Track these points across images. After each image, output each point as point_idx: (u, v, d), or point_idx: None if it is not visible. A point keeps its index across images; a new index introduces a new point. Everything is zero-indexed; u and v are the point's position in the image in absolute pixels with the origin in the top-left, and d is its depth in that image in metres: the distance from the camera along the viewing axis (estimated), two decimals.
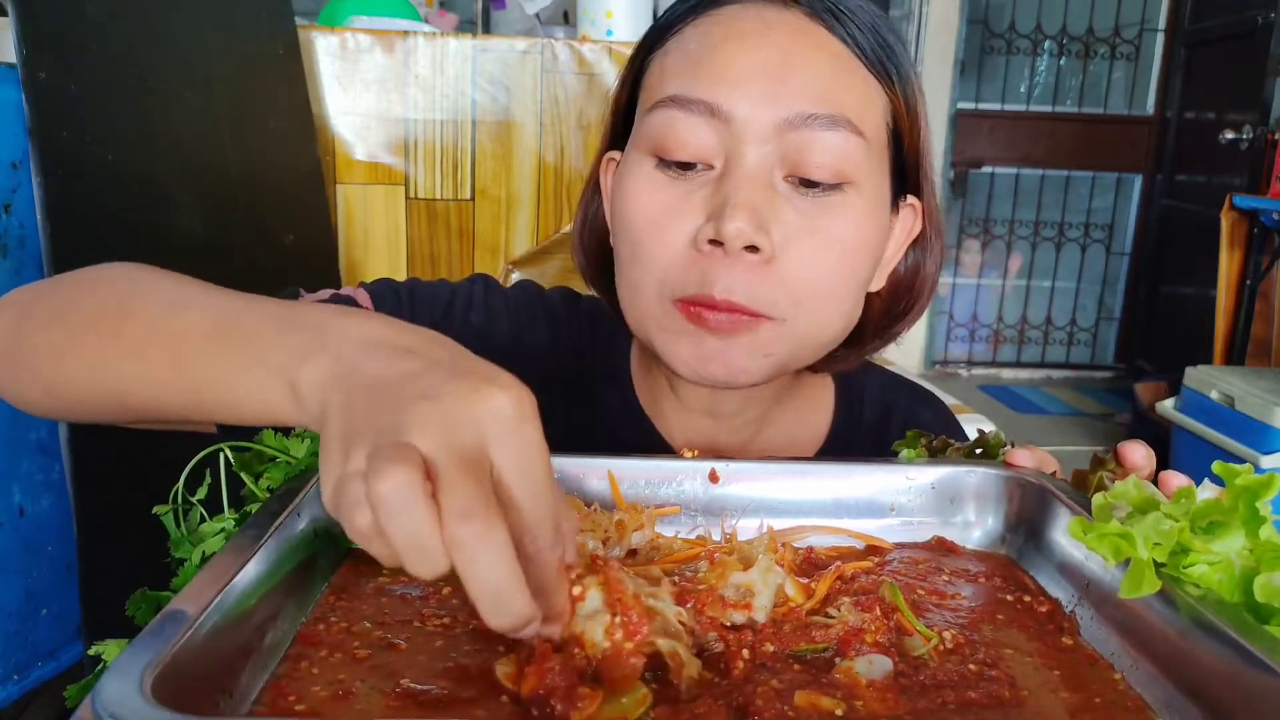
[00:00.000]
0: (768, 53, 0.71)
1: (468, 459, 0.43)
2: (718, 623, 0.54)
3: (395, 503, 0.41)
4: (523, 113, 2.27)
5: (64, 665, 1.79)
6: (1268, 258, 3.28)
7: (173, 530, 0.64)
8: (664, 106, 0.73)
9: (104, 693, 0.39)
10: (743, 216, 0.68)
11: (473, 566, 0.41)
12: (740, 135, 0.71)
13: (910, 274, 0.85)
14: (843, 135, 0.71)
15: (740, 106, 0.70)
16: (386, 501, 0.41)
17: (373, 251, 2.28)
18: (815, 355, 0.80)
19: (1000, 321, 5.10)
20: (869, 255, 0.76)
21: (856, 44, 0.73)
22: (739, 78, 0.71)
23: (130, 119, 1.57)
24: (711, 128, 0.71)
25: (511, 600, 0.42)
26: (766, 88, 0.70)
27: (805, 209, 0.72)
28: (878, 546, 0.67)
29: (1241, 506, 0.52)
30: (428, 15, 2.59)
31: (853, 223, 0.73)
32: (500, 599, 0.42)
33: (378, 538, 0.42)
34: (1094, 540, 0.54)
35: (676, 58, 0.75)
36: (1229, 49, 4.14)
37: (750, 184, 0.70)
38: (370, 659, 0.51)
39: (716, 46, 0.72)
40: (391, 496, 0.41)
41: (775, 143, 0.71)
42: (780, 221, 0.71)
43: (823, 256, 0.73)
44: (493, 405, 0.44)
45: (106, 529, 1.39)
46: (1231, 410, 2.71)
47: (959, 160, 4.74)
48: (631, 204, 0.75)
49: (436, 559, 0.42)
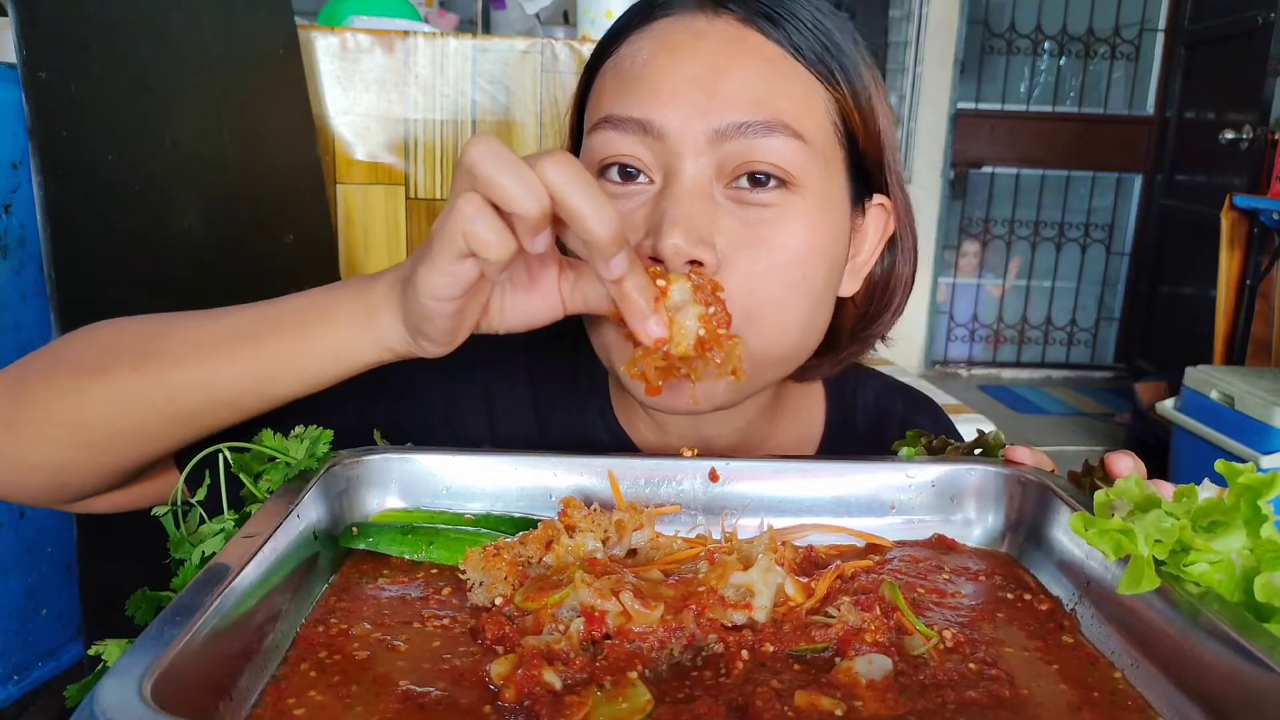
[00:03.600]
0: (697, 64, 0.70)
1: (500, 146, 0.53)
2: (718, 623, 0.54)
3: (487, 153, 0.52)
4: (523, 113, 2.27)
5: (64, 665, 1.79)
6: (1268, 258, 3.28)
7: (172, 531, 0.64)
8: (600, 128, 0.72)
9: (103, 697, 0.39)
10: (679, 232, 0.66)
11: (569, 182, 0.52)
12: (674, 150, 0.69)
13: (884, 275, 0.83)
14: (780, 140, 0.69)
15: (671, 121, 0.69)
16: (478, 158, 0.52)
17: (373, 251, 2.28)
18: (782, 369, 0.77)
19: (1000, 322, 5.10)
20: (822, 260, 0.73)
21: (793, 45, 0.71)
22: (668, 92, 0.69)
23: (130, 119, 1.57)
24: (646, 145, 0.70)
25: (607, 207, 0.53)
26: (696, 100, 0.69)
27: (747, 218, 0.70)
28: (878, 545, 0.67)
29: (1243, 505, 0.52)
30: (428, 15, 2.59)
31: (798, 228, 0.71)
32: (599, 205, 0.53)
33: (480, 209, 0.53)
34: (1095, 536, 0.54)
35: (612, 77, 0.74)
36: (1229, 49, 4.14)
37: (687, 197, 0.68)
38: (370, 660, 0.51)
39: (646, 63, 0.71)
40: (481, 151, 0.52)
41: (710, 154, 0.69)
42: (721, 232, 0.69)
43: (768, 265, 0.70)
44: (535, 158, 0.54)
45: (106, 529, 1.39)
46: (1231, 410, 2.70)
47: (959, 160, 4.74)
48: None
49: (537, 187, 0.52)
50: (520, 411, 0.88)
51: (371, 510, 0.68)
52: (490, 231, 0.53)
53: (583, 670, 0.49)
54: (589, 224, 0.53)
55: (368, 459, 0.68)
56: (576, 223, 0.53)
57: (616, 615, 0.52)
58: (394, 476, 0.69)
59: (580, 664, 0.49)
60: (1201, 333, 3.55)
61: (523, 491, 0.70)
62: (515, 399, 0.88)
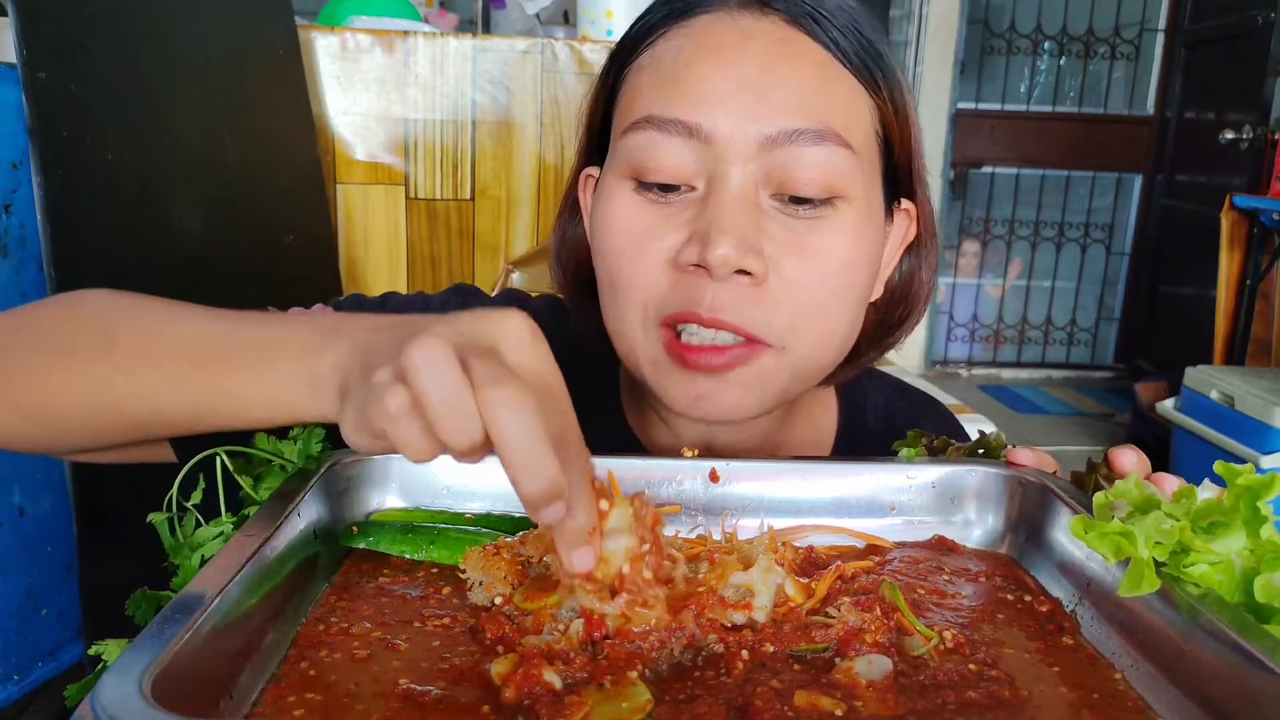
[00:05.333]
0: (747, 66, 0.67)
1: (488, 350, 0.45)
2: (718, 623, 0.54)
3: (427, 361, 0.43)
4: (523, 113, 2.27)
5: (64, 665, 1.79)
6: (1268, 258, 3.28)
7: (167, 539, 0.64)
8: (640, 128, 0.69)
9: (104, 694, 0.39)
10: (729, 241, 0.65)
11: (508, 427, 0.43)
12: (722, 155, 0.67)
13: (906, 280, 0.82)
14: (829, 149, 0.67)
15: (720, 125, 0.67)
16: (418, 365, 0.43)
17: (373, 251, 2.28)
18: (815, 380, 0.77)
19: (1000, 322, 5.09)
20: (866, 270, 0.72)
21: (839, 49, 0.69)
22: (717, 95, 0.67)
23: (130, 119, 1.57)
24: (691, 148, 0.68)
25: (544, 462, 0.43)
26: (747, 104, 0.67)
27: (794, 226, 0.68)
28: (878, 546, 0.67)
29: (1243, 506, 0.52)
30: (428, 15, 2.59)
31: (846, 238, 0.70)
32: (534, 460, 0.43)
33: (408, 415, 0.44)
34: (1095, 539, 0.54)
35: (650, 75, 0.71)
36: (1229, 49, 4.14)
37: (735, 205, 0.67)
38: (370, 659, 0.51)
39: (691, 63, 0.69)
40: (422, 358, 0.43)
41: (759, 160, 0.67)
42: (769, 238, 0.68)
43: (815, 275, 0.69)
44: (504, 323, 0.47)
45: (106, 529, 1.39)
46: (1231, 410, 2.70)
47: (959, 160, 4.74)
48: (611, 228, 0.72)
49: (472, 422, 0.43)
50: None
51: (372, 509, 0.68)
52: (415, 439, 0.45)
53: (582, 670, 0.49)
54: (521, 485, 0.44)
55: (368, 458, 0.68)
56: (508, 472, 0.44)
57: (616, 615, 0.52)
58: (394, 476, 0.69)
59: (580, 664, 0.49)
60: (1201, 333, 3.55)
61: None
62: None
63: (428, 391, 0.43)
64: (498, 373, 0.44)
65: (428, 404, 0.43)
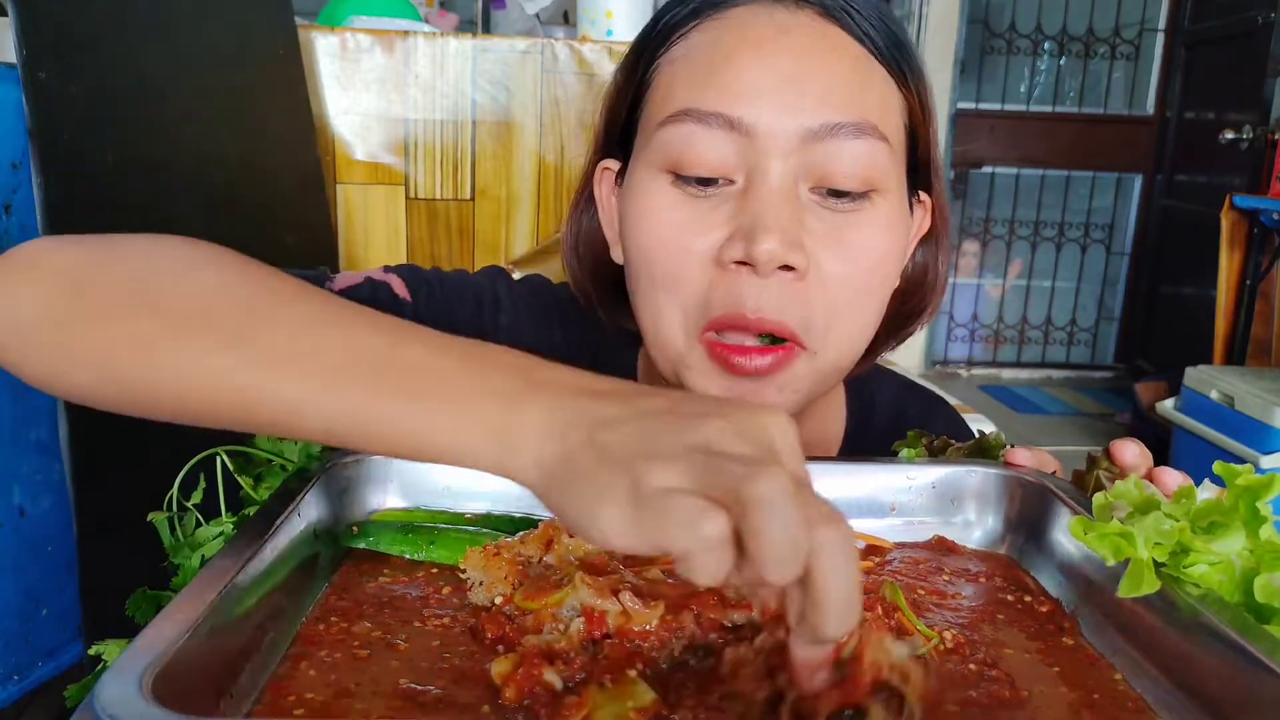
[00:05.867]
0: (785, 59, 0.67)
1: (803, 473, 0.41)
2: (718, 623, 0.54)
3: (779, 499, 0.38)
4: (523, 113, 2.27)
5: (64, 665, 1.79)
6: (1268, 258, 3.28)
7: (166, 538, 0.64)
8: (678, 121, 0.69)
9: (104, 693, 0.39)
10: (774, 237, 0.65)
11: (836, 572, 0.39)
12: (763, 149, 0.67)
13: (920, 271, 0.82)
14: (869, 143, 0.68)
15: (762, 118, 0.67)
16: (769, 500, 0.38)
17: (373, 251, 2.28)
18: (837, 379, 0.77)
19: (1000, 322, 5.09)
20: (896, 263, 0.73)
21: (873, 43, 0.70)
22: (758, 88, 0.67)
23: (130, 119, 1.57)
24: (731, 141, 0.67)
25: (855, 608, 0.40)
26: (787, 98, 0.67)
27: (832, 220, 0.69)
28: (878, 546, 0.67)
29: (1242, 507, 0.52)
30: (428, 15, 2.59)
31: (881, 232, 0.70)
32: (850, 606, 0.39)
33: (724, 546, 0.39)
34: (1094, 540, 0.54)
35: (685, 67, 0.71)
36: (1229, 49, 4.14)
37: (777, 199, 0.67)
38: (370, 659, 0.51)
39: (730, 55, 0.68)
40: (775, 493, 0.38)
41: (799, 154, 0.67)
42: (808, 232, 0.68)
43: (851, 269, 0.69)
44: (777, 426, 0.42)
45: (106, 529, 1.39)
46: (1231, 410, 2.70)
47: (959, 160, 4.74)
48: (648, 223, 0.71)
49: (799, 561, 0.39)
50: None
51: (372, 509, 0.68)
52: (720, 569, 0.39)
53: (583, 670, 0.49)
54: (827, 629, 0.40)
55: (368, 458, 0.68)
56: (815, 612, 0.40)
57: (616, 615, 0.52)
58: (394, 475, 0.69)
59: (580, 663, 0.49)
60: (1201, 333, 3.55)
61: (523, 491, 0.68)
62: None
63: (770, 531, 0.38)
64: (827, 507, 0.40)
65: (766, 543, 0.38)
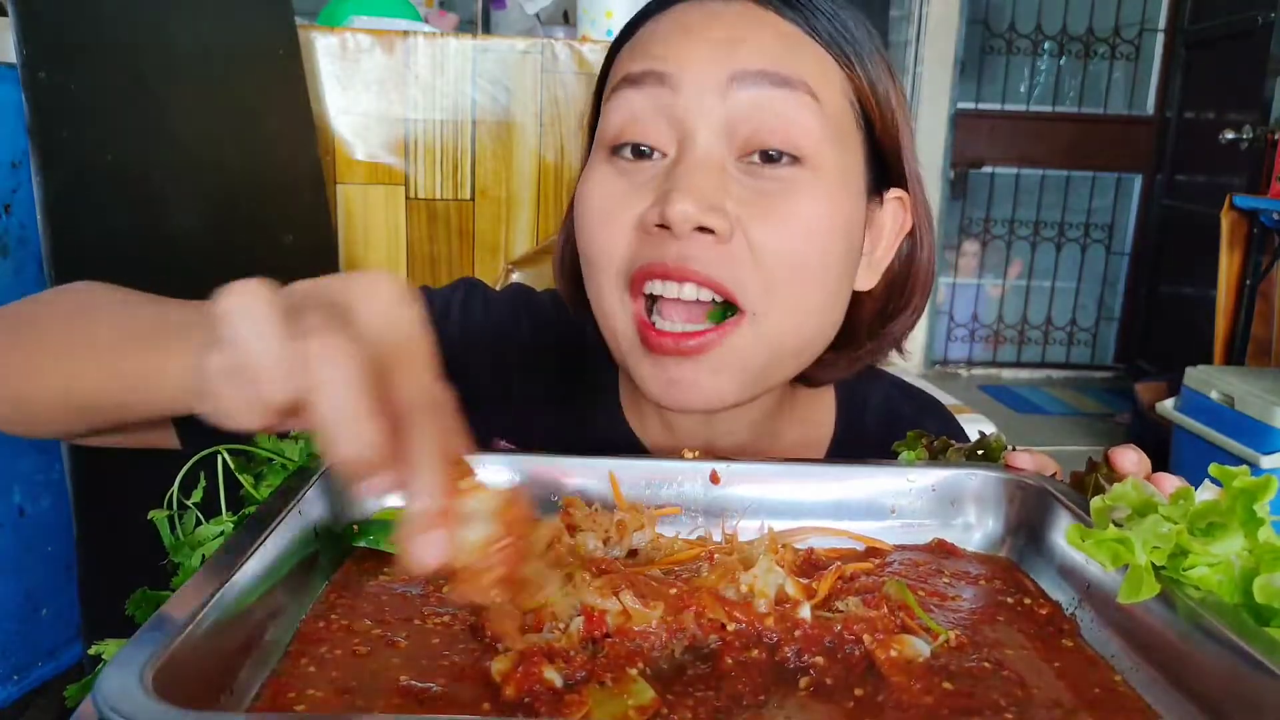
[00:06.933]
0: (715, 31, 0.70)
1: (330, 304, 0.42)
2: (718, 623, 0.54)
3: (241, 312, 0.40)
4: (523, 113, 2.27)
5: (64, 665, 1.80)
6: (1268, 258, 3.28)
7: (167, 537, 0.64)
8: (617, 89, 0.72)
9: (105, 686, 0.39)
10: (689, 199, 0.66)
11: (321, 379, 0.39)
12: (689, 106, 0.69)
13: (903, 271, 0.82)
14: (796, 95, 0.69)
15: (687, 70, 0.69)
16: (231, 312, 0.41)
17: (373, 251, 2.28)
18: (796, 363, 0.76)
19: (1000, 322, 5.10)
20: (839, 240, 0.72)
21: (810, 26, 0.72)
22: (686, 48, 0.70)
23: (130, 119, 1.57)
24: (660, 108, 0.70)
25: (356, 422, 0.39)
26: (714, 53, 0.69)
27: (762, 189, 0.69)
28: (878, 548, 0.67)
29: (1239, 509, 0.52)
30: (428, 15, 2.59)
31: (816, 204, 0.70)
32: (345, 417, 0.39)
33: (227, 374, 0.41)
34: (1092, 546, 0.54)
35: (626, 55, 0.75)
36: (1229, 49, 4.14)
37: (700, 167, 0.68)
38: (370, 656, 0.51)
39: (665, 36, 0.72)
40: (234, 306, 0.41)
41: (725, 107, 0.69)
42: (734, 199, 0.69)
43: (784, 238, 0.69)
44: (362, 280, 0.45)
45: (106, 529, 1.39)
46: (1231, 410, 2.70)
47: (959, 160, 4.74)
48: (585, 200, 0.74)
49: (287, 373, 0.40)
50: (532, 409, 0.87)
51: (373, 508, 0.68)
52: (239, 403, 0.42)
53: (583, 668, 0.49)
54: (330, 447, 0.41)
55: None
56: (319, 434, 0.41)
57: (616, 614, 0.52)
58: None
59: (580, 662, 0.49)
60: (1201, 333, 3.55)
61: None
62: (527, 397, 0.88)
63: (237, 340, 0.40)
64: (323, 326, 0.40)
65: (240, 354, 0.40)
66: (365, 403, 0.40)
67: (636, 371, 0.73)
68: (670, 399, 0.72)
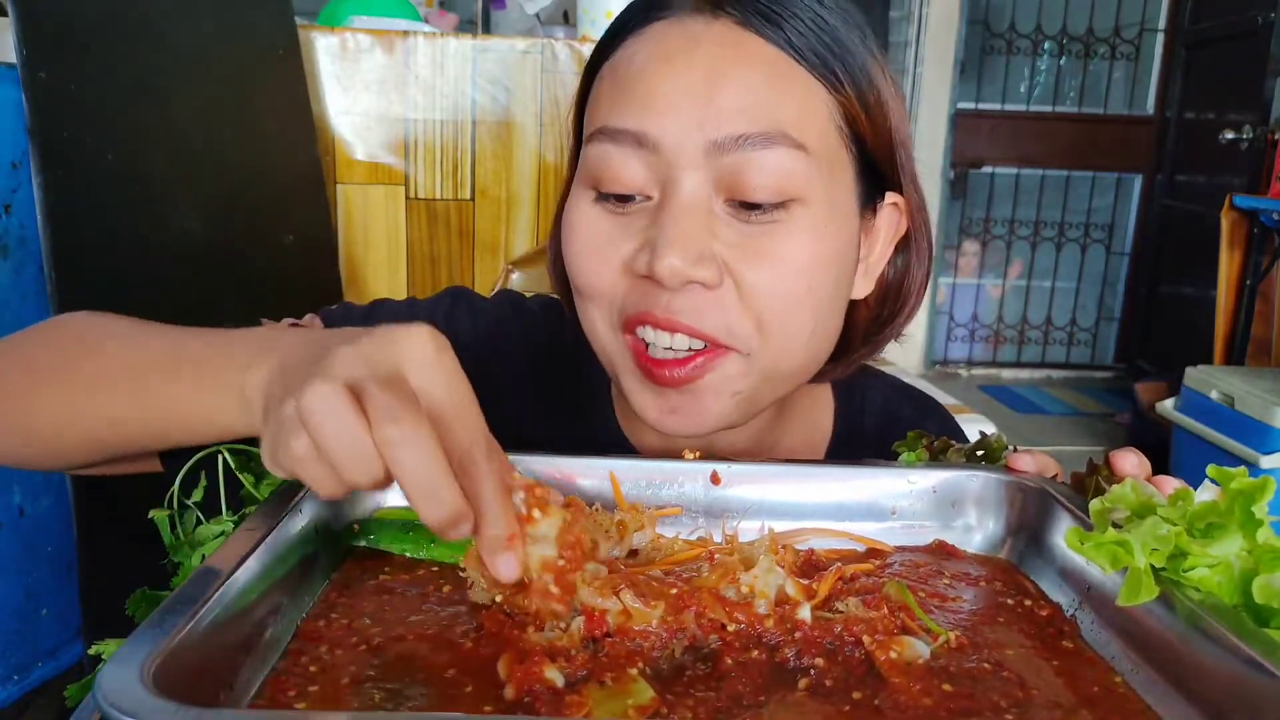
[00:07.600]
0: (694, 73, 0.67)
1: (389, 378, 0.46)
2: (718, 623, 0.54)
3: (323, 409, 0.44)
4: (523, 113, 2.27)
5: (64, 665, 1.80)
6: (1268, 258, 3.28)
7: (167, 537, 0.64)
8: (596, 139, 0.71)
9: (106, 682, 0.39)
10: (677, 252, 0.65)
11: (404, 461, 0.44)
12: (671, 162, 0.68)
13: (898, 276, 0.81)
14: (780, 152, 0.67)
15: (667, 134, 0.67)
16: (314, 410, 0.44)
17: (373, 251, 2.28)
18: (792, 383, 0.76)
19: (1000, 322, 5.10)
20: (828, 271, 0.71)
21: (794, 47, 0.69)
22: (664, 104, 0.67)
23: (130, 119, 1.57)
24: (641, 159, 0.68)
25: (441, 490, 0.45)
26: (692, 112, 0.67)
27: (749, 232, 0.68)
28: (878, 549, 0.67)
29: (1238, 510, 0.52)
30: (428, 15, 2.59)
31: (803, 241, 0.69)
32: (431, 489, 0.45)
33: (313, 459, 0.45)
34: (1091, 550, 0.54)
35: (608, 85, 0.72)
36: (1229, 49, 4.14)
37: (686, 213, 0.67)
38: (370, 655, 0.51)
39: (642, 70, 0.69)
40: (318, 404, 0.44)
41: (708, 167, 0.67)
42: (723, 245, 0.68)
43: (773, 280, 0.69)
44: (407, 341, 0.48)
45: (106, 529, 1.39)
46: (1231, 410, 2.71)
47: (959, 160, 4.74)
48: (572, 236, 0.73)
49: (371, 460, 0.45)
50: (525, 414, 0.87)
51: (372, 507, 0.68)
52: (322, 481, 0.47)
53: (583, 668, 0.49)
54: (423, 515, 0.46)
55: None
56: (411, 504, 0.46)
57: (617, 614, 0.52)
58: None
59: (581, 661, 0.49)
60: (1201, 333, 3.55)
61: None
62: (520, 402, 0.88)
63: (324, 438, 0.44)
64: (394, 406, 0.44)
65: (326, 450, 0.45)
66: (443, 471, 0.45)
67: (633, 398, 0.74)
68: (668, 426, 0.72)
